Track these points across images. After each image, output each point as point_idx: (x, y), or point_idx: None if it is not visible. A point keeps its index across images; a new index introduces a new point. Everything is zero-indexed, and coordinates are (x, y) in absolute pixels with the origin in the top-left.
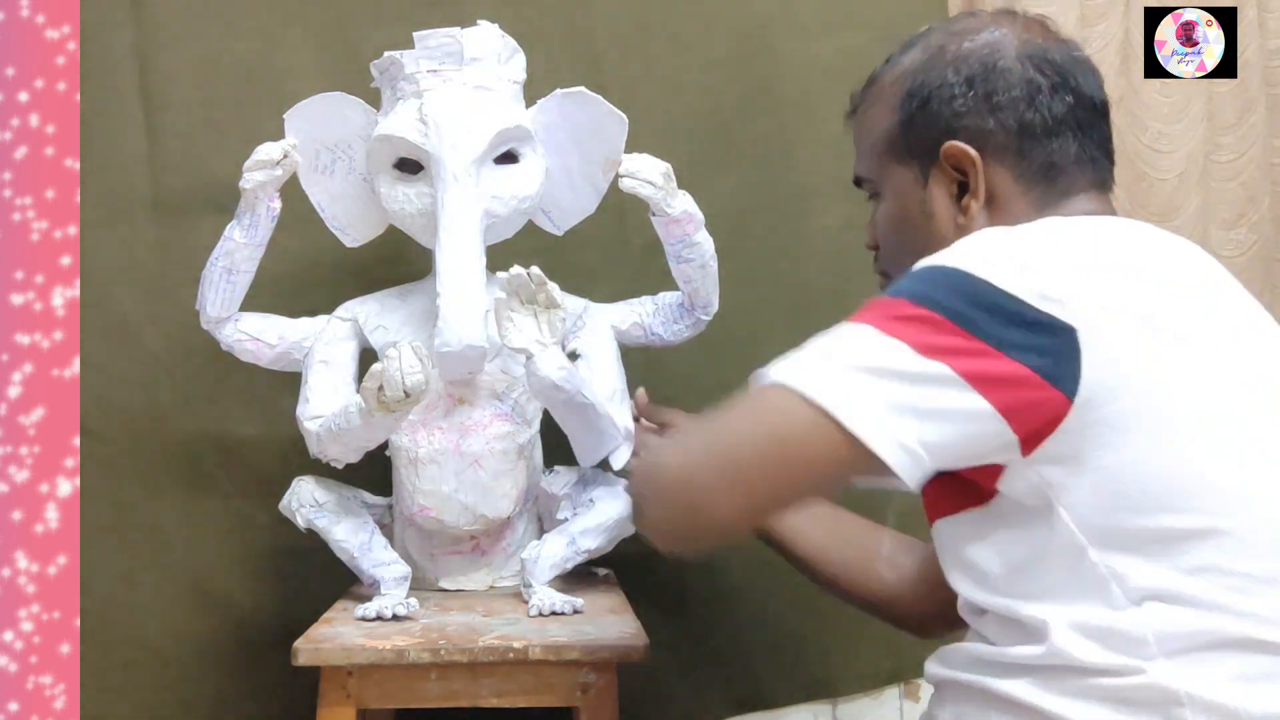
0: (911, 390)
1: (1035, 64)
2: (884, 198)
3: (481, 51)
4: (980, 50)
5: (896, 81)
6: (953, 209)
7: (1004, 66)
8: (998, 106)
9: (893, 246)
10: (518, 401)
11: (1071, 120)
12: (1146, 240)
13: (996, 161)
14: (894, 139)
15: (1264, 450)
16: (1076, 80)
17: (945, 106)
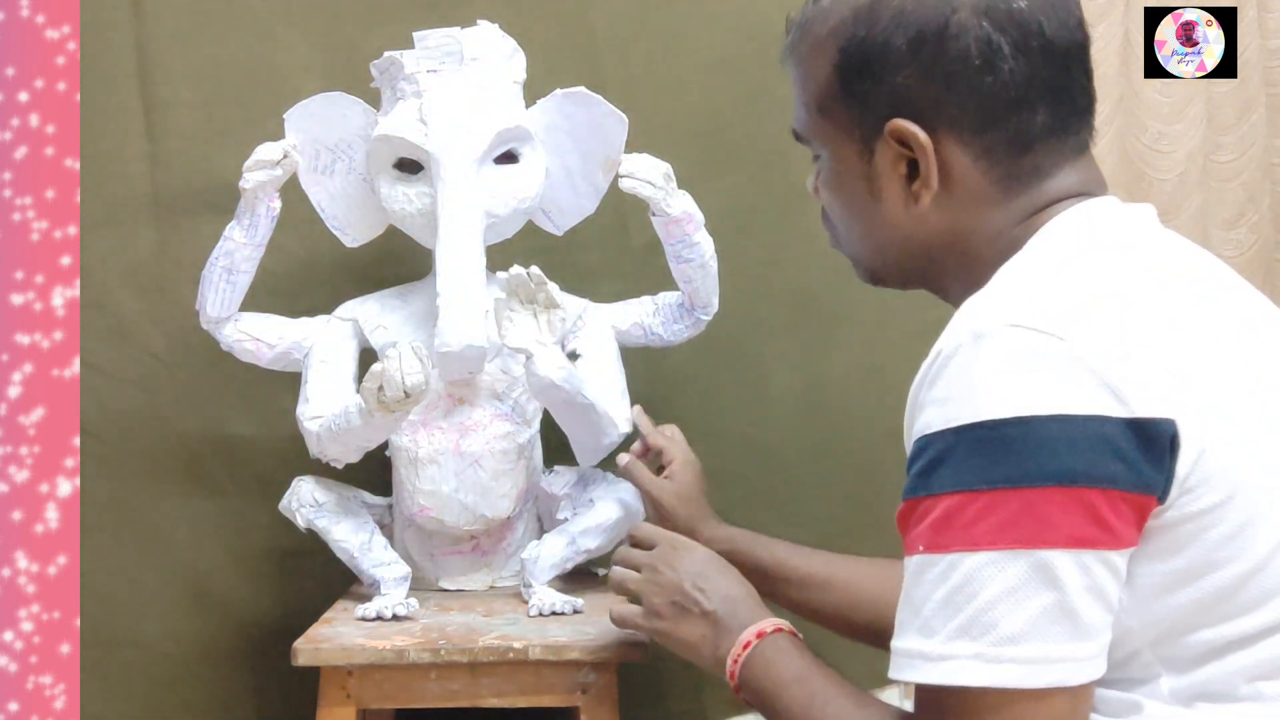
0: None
1: (994, 19)
2: (827, 162)
3: (481, 51)
4: (927, 4)
5: (831, 35)
6: (903, 193)
7: (957, 26)
8: (951, 76)
9: (836, 214)
10: (518, 401)
11: (1040, 83)
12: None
13: (953, 140)
14: (831, 103)
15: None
16: (1044, 28)
17: (888, 75)
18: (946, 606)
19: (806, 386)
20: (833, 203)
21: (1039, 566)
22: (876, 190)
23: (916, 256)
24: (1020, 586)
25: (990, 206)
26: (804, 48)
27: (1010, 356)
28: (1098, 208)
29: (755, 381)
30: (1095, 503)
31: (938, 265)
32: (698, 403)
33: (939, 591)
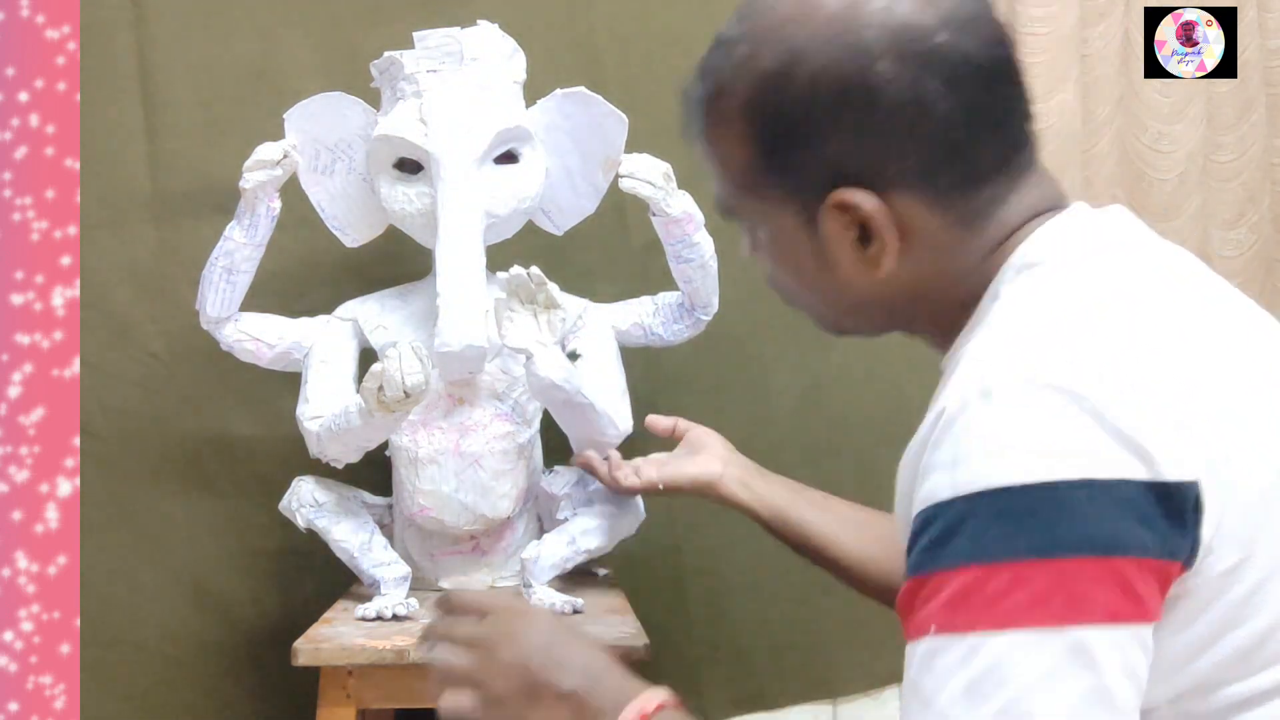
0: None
1: (917, 61)
2: (765, 239)
3: (481, 51)
4: (842, 62)
5: (742, 110)
6: (859, 257)
7: (879, 78)
8: (886, 131)
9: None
10: (518, 401)
11: (978, 112)
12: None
13: (903, 194)
14: (759, 178)
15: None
16: (969, 56)
17: (817, 142)
18: (970, 696)
19: (806, 386)
20: (779, 272)
21: (1075, 647)
22: (829, 260)
23: (883, 311)
24: (1056, 670)
25: (954, 249)
26: (712, 126)
27: (1028, 416)
28: (1073, 225)
29: (755, 381)
30: (1128, 574)
31: (908, 314)
32: (698, 403)
33: (958, 679)
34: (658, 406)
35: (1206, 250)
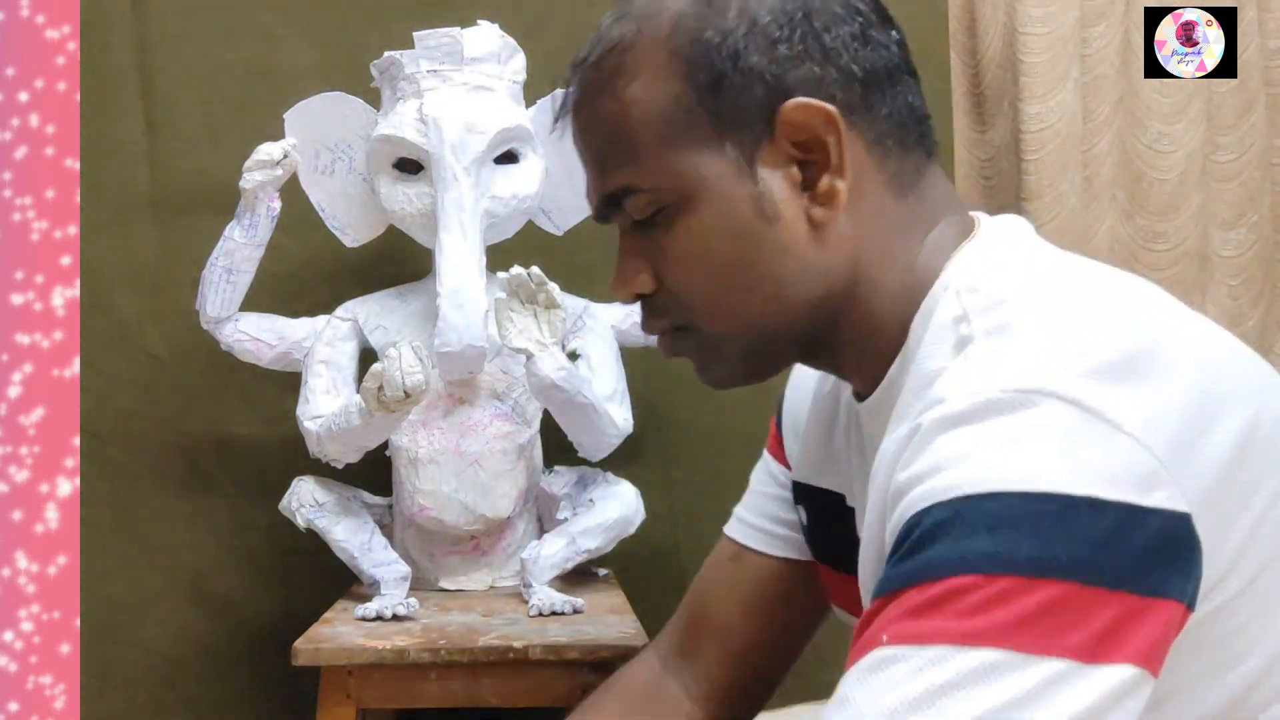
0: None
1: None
2: (681, 210)
3: (481, 51)
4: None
5: (667, 38)
6: (801, 201)
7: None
8: (832, 50)
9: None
10: (518, 401)
11: (903, 61)
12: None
13: (847, 123)
14: (688, 118)
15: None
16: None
17: (765, 57)
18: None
19: None
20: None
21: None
22: (770, 210)
23: (819, 301)
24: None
25: (887, 215)
26: (619, 83)
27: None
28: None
29: None
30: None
31: (835, 312)
32: (698, 402)
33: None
34: (657, 406)
35: (1206, 250)
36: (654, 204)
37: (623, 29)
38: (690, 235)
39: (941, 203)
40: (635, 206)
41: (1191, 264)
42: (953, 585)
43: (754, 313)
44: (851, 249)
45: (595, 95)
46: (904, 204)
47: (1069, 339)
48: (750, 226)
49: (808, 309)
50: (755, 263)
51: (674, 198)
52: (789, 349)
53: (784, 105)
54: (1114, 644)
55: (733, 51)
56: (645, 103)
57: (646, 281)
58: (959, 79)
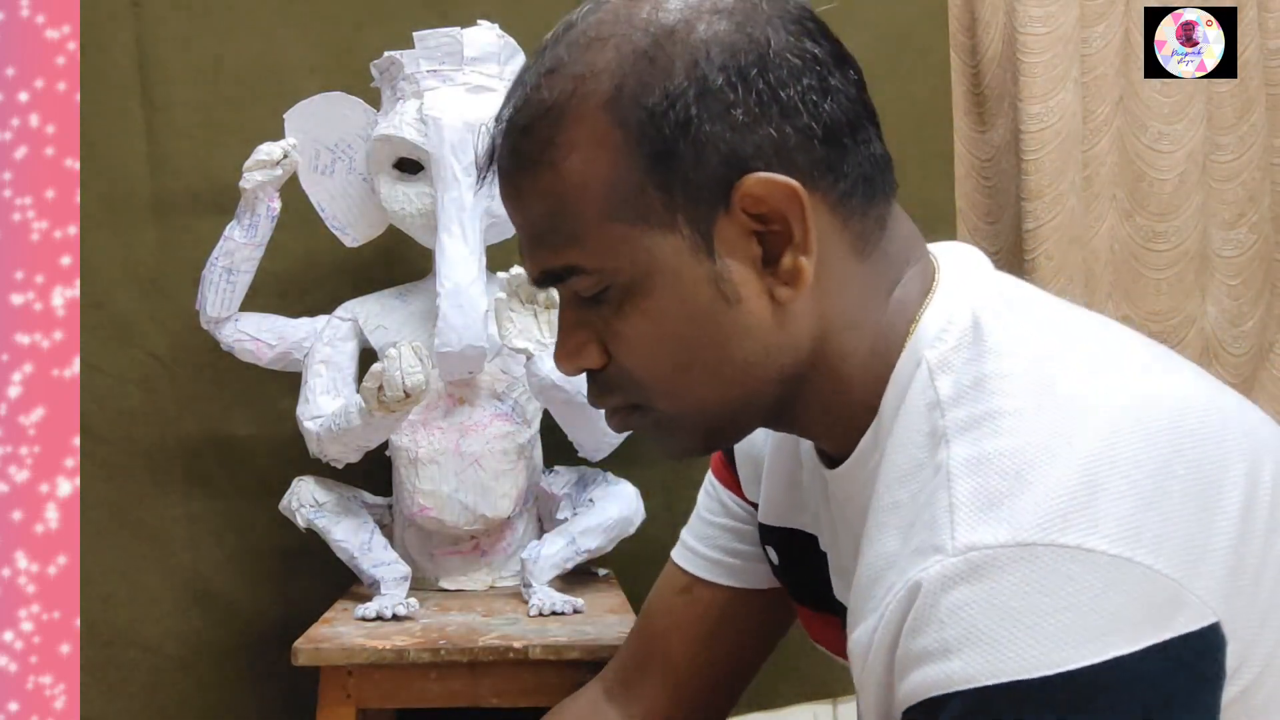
0: None
1: (807, 31)
2: (631, 293)
3: (481, 51)
4: (733, 27)
5: (608, 104)
6: (762, 278)
7: (777, 45)
8: (790, 108)
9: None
10: (518, 401)
11: (862, 105)
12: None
13: (808, 191)
14: (636, 196)
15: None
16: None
17: (719, 124)
18: None
19: None
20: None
21: None
22: (730, 292)
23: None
24: None
25: (850, 280)
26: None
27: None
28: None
29: None
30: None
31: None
32: None
33: None
34: None
35: (1206, 250)
36: (601, 284)
37: (556, 89)
38: (643, 318)
39: (904, 253)
40: (580, 286)
41: (1191, 264)
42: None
43: (715, 394)
44: (817, 322)
45: (530, 165)
46: (867, 265)
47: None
48: (708, 308)
49: (773, 386)
50: (715, 345)
51: (624, 278)
52: (752, 421)
53: (744, 180)
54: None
55: (683, 120)
56: (586, 178)
57: (594, 356)
58: (959, 79)
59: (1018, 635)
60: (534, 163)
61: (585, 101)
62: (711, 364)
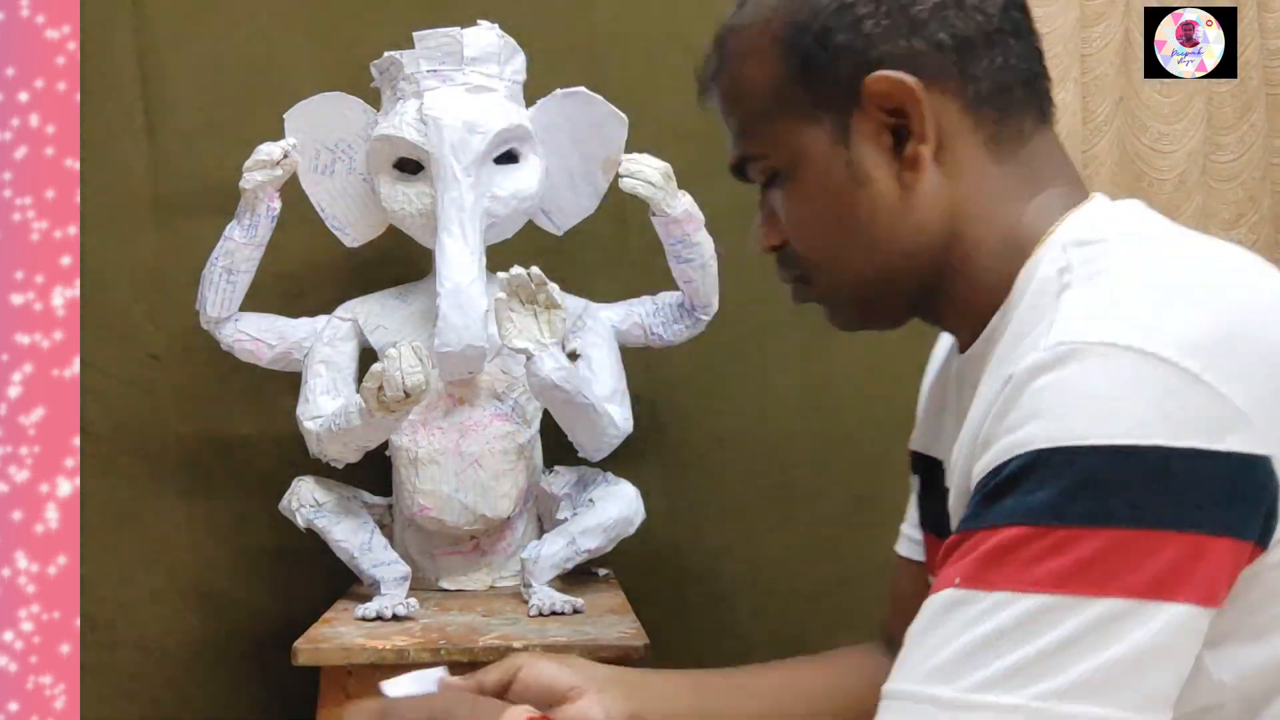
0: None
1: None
2: (789, 175)
3: (481, 51)
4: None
5: (768, 23)
6: (891, 164)
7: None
8: (919, 20)
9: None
10: (518, 401)
11: (1008, 23)
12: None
13: (936, 90)
14: (788, 93)
15: None
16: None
17: (852, 34)
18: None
19: (807, 386)
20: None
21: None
22: (861, 175)
23: (916, 255)
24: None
25: (985, 177)
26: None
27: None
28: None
29: (756, 381)
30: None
31: (938, 267)
32: (698, 403)
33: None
34: (657, 406)
35: None
36: (768, 169)
37: (738, 17)
38: (796, 198)
39: (1051, 170)
40: (754, 171)
41: None
42: (1018, 535)
43: (854, 266)
44: (945, 207)
45: (718, 74)
46: (1005, 167)
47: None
48: (844, 189)
49: (904, 262)
50: (851, 221)
51: (782, 164)
52: (896, 300)
53: (866, 78)
54: (1173, 583)
55: (822, 31)
56: (752, 81)
57: (774, 236)
58: None
59: (1077, 410)
60: (720, 71)
61: (753, 23)
62: (849, 237)
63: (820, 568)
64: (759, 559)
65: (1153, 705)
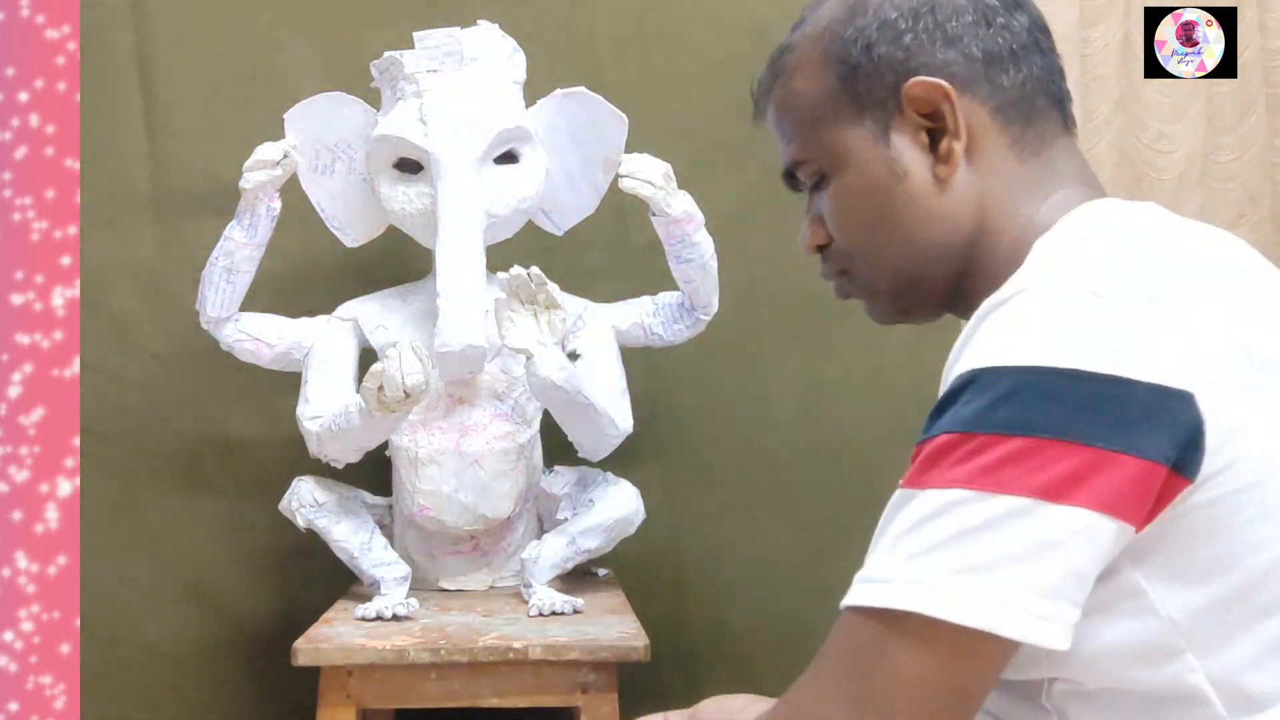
0: (1064, 558)
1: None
2: (834, 175)
3: (481, 51)
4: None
5: (819, 39)
6: (927, 160)
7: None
8: (954, 36)
9: (858, 229)
10: (518, 401)
11: (1033, 42)
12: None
13: (968, 95)
14: (835, 100)
15: None
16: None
17: (893, 46)
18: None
19: (806, 387)
20: (852, 221)
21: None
22: (900, 171)
23: (948, 247)
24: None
25: (1009, 175)
26: (787, 70)
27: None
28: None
29: (755, 381)
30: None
31: (967, 259)
32: (698, 403)
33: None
34: (657, 406)
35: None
36: (816, 172)
37: (791, 37)
38: (840, 195)
39: (1069, 172)
40: (803, 175)
41: None
42: (948, 441)
43: (892, 257)
44: (975, 201)
45: (773, 87)
46: (1026, 166)
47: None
48: (884, 184)
49: (938, 253)
50: (890, 213)
51: (829, 166)
52: (930, 291)
53: (906, 84)
54: (1076, 487)
55: (866, 44)
56: (803, 92)
57: (820, 235)
58: None
59: (1013, 336)
60: (774, 85)
61: (806, 40)
62: (888, 229)
63: (820, 568)
64: (759, 559)
65: (1043, 598)
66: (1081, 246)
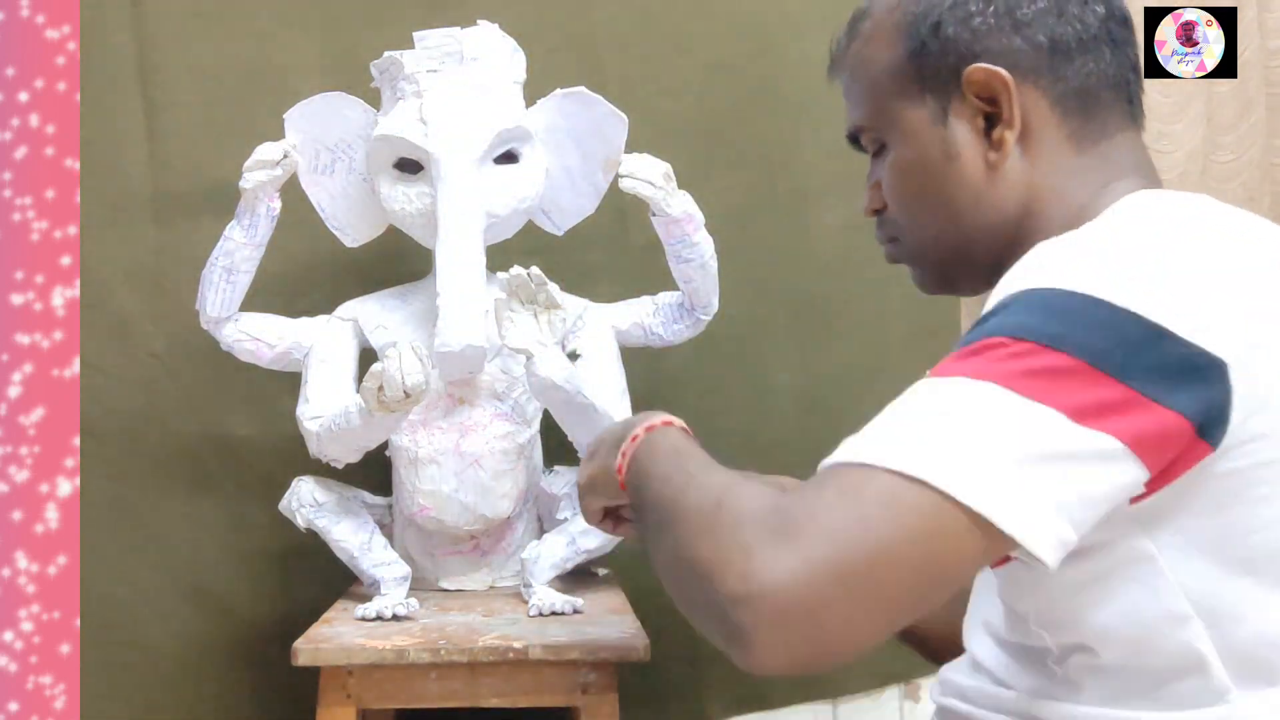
0: (1077, 476)
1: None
2: (892, 147)
3: (481, 51)
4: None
5: (894, 10)
6: (981, 145)
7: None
8: (1022, 22)
9: (907, 202)
10: (518, 401)
11: (1105, 34)
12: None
13: (1029, 84)
14: (900, 75)
15: None
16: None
17: (961, 28)
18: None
19: (806, 386)
20: (903, 193)
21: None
22: (953, 151)
23: (994, 229)
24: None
25: (1064, 164)
26: (862, 36)
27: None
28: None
29: (755, 381)
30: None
31: (1011, 242)
32: (698, 403)
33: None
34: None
35: None
36: (876, 140)
37: (868, 5)
38: (896, 167)
39: (1129, 165)
40: (866, 140)
41: None
42: (989, 343)
43: (936, 230)
44: (1024, 188)
45: (845, 53)
46: (1083, 157)
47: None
48: (938, 163)
49: (981, 234)
50: (940, 192)
51: (888, 137)
52: (973, 269)
53: (967, 69)
54: (1103, 416)
55: (936, 23)
56: (873, 60)
57: (878, 200)
58: None
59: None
60: (847, 50)
61: (881, 7)
62: (937, 206)
63: None
64: None
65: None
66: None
